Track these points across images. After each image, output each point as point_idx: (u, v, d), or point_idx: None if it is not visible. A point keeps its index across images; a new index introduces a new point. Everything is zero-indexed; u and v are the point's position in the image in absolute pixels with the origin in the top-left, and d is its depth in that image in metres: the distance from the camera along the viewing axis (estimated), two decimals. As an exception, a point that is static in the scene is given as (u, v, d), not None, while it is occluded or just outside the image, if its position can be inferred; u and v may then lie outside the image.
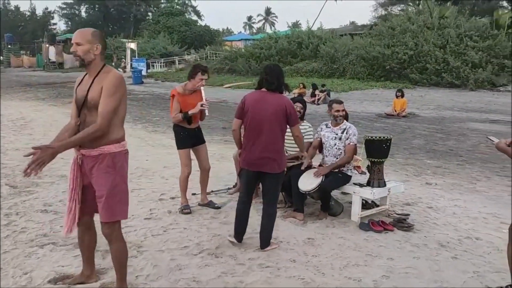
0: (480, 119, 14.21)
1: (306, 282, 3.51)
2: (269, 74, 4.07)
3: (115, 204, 2.99)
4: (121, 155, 2.98)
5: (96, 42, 2.96)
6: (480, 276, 3.69)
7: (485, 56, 23.41)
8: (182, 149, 5.16)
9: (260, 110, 4.01)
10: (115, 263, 3.13)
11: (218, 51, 41.11)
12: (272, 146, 4.03)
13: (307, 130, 5.38)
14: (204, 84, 5.03)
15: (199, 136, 5.25)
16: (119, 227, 3.10)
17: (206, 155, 5.29)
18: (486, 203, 5.83)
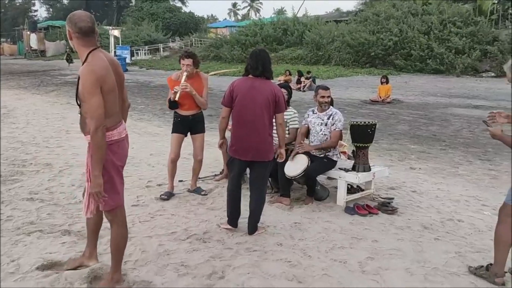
0: (463, 104, 14.41)
1: (293, 264, 3.57)
2: (254, 60, 4.03)
3: (108, 196, 2.95)
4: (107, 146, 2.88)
5: (69, 27, 2.83)
6: (462, 256, 3.79)
7: (468, 42, 23.66)
8: (172, 133, 5.20)
9: (250, 98, 3.97)
10: (112, 247, 3.14)
11: (203, 38, 40.81)
12: (262, 134, 4.02)
13: (292, 116, 5.41)
14: (188, 70, 4.93)
15: (195, 125, 5.21)
16: (120, 213, 3.09)
17: (199, 146, 5.27)
18: (468, 187, 5.96)
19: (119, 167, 3.01)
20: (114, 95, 2.90)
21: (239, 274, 3.38)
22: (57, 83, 21.60)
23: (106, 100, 2.79)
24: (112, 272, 3.15)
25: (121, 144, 3.00)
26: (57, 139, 8.39)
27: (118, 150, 2.97)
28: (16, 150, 7.38)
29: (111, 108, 2.87)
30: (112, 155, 2.93)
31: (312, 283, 3.28)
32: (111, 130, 2.92)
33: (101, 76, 2.76)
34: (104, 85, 2.77)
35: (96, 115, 2.71)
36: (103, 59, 2.86)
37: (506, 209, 3.25)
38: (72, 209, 4.71)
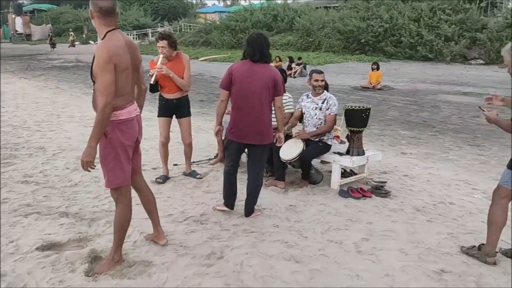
0: (452, 91, 14.54)
1: (290, 245, 3.63)
2: (251, 46, 4.01)
3: (109, 172, 3.01)
4: (114, 124, 2.93)
5: (91, 6, 2.91)
6: (454, 237, 3.89)
7: (457, 29, 23.80)
8: (158, 117, 5.21)
9: (249, 82, 3.96)
10: (115, 226, 3.18)
11: (192, 23, 40.40)
12: (261, 118, 4.04)
13: (287, 101, 5.43)
14: (164, 52, 4.86)
15: (181, 109, 5.18)
16: (125, 192, 3.12)
17: (186, 129, 5.27)
18: (458, 171, 6.07)
19: (127, 147, 3.03)
20: (127, 75, 2.94)
21: (238, 255, 3.44)
22: (45, 67, 21.31)
23: (118, 79, 2.85)
24: (113, 252, 3.18)
25: (130, 124, 3.02)
26: (48, 123, 8.33)
27: (126, 129, 2.99)
28: (7, 134, 7.32)
29: (123, 88, 2.93)
30: (120, 134, 2.96)
31: (309, 262, 3.35)
32: (121, 109, 2.95)
33: (115, 55, 2.81)
34: (117, 64, 2.82)
35: (106, 92, 2.76)
36: (120, 39, 2.91)
37: (500, 191, 3.33)
38: (67, 191, 4.72)
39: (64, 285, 2.94)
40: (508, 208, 3.39)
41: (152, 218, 3.54)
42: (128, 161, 3.07)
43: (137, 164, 3.31)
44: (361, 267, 3.31)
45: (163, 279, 3.06)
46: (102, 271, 3.10)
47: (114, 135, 2.94)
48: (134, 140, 3.12)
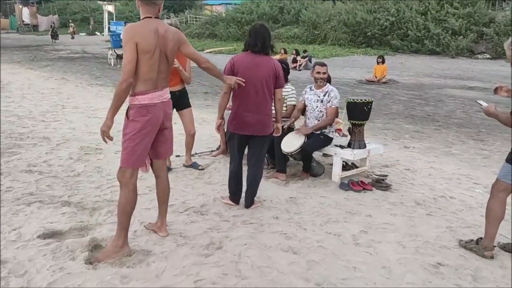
0: (457, 85, 14.48)
1: (288, 236, 3.66)
2: (253, 37, 4.01)
3: (123, 152, 3.14)
4: (135, 108, 3.07)
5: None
6: (453, 231, 3.90)
7: (464, 23, 23.60)
8: None
9: (251, 73, 3.97)
10: (118, 209, 3.24)
11: (198, 15, 40.31)
12: (263, 109, 4.07)
13: (290, 92, 5.44)
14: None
15: (182, 100, 5.20)
16: (130, 175, 3.18)
17: (189, 120, 5.29)
18: (460, 165, 6.06)
19: (147, 131, 3.12)
20: (149, 58, 3.03)
21: (236, 245, 3.47)
22: (51, 58, 21.40)
23: (141, 61, 3.00)
24: (117, 238, 3.22)
25: (152, 109, 3.10)
26: (53, 114, 8.39)
27: (147, 114, 3.09)
28: (12, 124, 7.38)
29: (147, 73, 3.06)
30: (140, 118, 3.08)
31: (307, 254, 3.38)
32: (142, 94, 3.08)
33: (137, 34, 2.99)
34: (139, 44, 2.97)
35: (125, 69, 2.95)
36: (150, 24, 3.06)
37: (498, 185, 3.34)
38: (70, 181, 4.77)
39: (64, 272, 2.98)
40: (507, 202, 3.40)
41: (161, 208, 3.58)
42: (144, 146, 3.16)
43: (162, 150, 3.39)
44: (358, 259, 3.33)
45: (162, 268, 3.10)
46: (105, 258, 3.15)
47: (135, 117, 3.07)
48: (157, 126, 3.19)
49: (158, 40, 3.06)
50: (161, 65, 3.15)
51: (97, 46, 29.90)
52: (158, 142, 3.30)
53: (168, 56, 3.20)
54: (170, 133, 3.42)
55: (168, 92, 3.32)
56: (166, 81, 3.27)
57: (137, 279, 2.96)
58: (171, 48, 3.19)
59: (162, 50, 3.11)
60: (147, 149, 3.22)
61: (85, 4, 49.02)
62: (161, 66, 3.15)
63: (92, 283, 2.88)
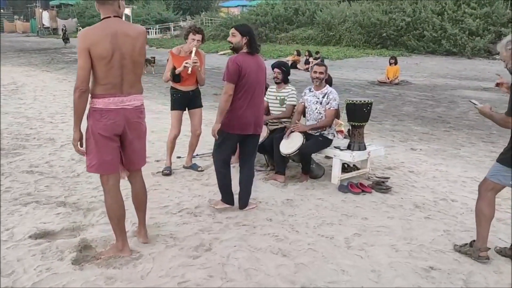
0: (472, 86, 14.21)
1: (280, 239, 3.62)
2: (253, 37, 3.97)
3: (86, 156, 3.09)
4: (90, 111, 3.00)
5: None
6: (450, 235, 3.81)
7: (482, 23, 23.17)
8: (173, 111, 5.22)
9: (256, 75, 3.98)
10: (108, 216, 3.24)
11: (214, 17, 40.50)
12: (262, 108, 4.18)
13: (290, 93, 5.41)
14: (197, 45, 4.95)
15: (195, 100, 5.24)
16: (105, 181, 3.12)
17: (198, 120, 5.31)
18: (467, 168, 5.93)
19: (102, 137, 3.00)
20: (107, 63, 2.90)
21: (226, 247, 3.45)
22: (68, 60, 21.72)
23: (97, 66, 2.90)
24: (116, 241, 3.27)
25: (107, 114, 2.98)
26: (62, 115, 8.51)
27: (101, 119, 2.97)
28: (21, 125, 7.50)
29: (103, 77, 2.94)
30: (93, 122, 3.00)
31: (296, 256, 3.34)
32: (98, 98, 2.97)
33: (89, 40, 2.87)
34: (93, 51, 2.86)
35: (78, 75, 2.88)
36: (106, 26, 2.93)
37: (486, 184, 3.28)
38: (69, 182, 4.82)
39: (50, 272, 3.00)
40: (495, 201, 3.32)
41: (138, 216, 3.48)
42: (107, 151, 3.04)
43: (129, 161, 3.23)
44: (348, 262, 3.28)
45: (148, 269, 3.09)
46: (103, 255, 3.20)
47: (89, 121, 3.01)
48: (114, 133, 3.04)
49: (117, 42, 2.91)
50: (125, 70, 2.99)
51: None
52: (127, 152, 3.18)
53: (135, 61, 3.03)
54: (139, 144, 3.24)
55: (138, 99, 3.14)
56: (135, 87, 3.10)
57: (122, 280, 2.96)
58: (138, 51, 3.02)
59: (125, 53, 2.95)
60: (110, 155, 3.06)
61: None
62: (125, 71, 2.99)
63: (76, 284, 2.89)
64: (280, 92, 5.43)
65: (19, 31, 52.05)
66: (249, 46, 3.97)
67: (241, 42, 3.95)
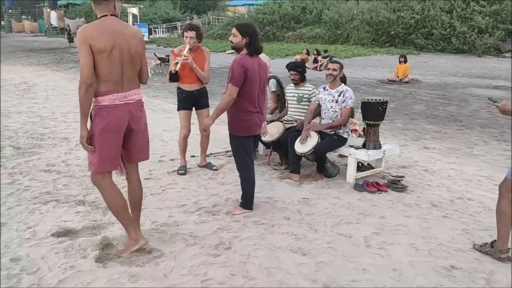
0: (483, 84, 14.12)
1: (298, 237, 3.63)
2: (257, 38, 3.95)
3: (89, 155, 3.09)
4: (96, 109, 3.01)
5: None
6: (468, 233, 3.80)
7: (491, 21, 23.02)
8: (180, 110, 5.23)
9: (259, 76, 3.99)
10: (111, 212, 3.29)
11: (221, 16, 40.51)
12: (265, 108, 4.20)
13: (312, 91, 5.40)
14: (190, 42, 4.92)
15: (201, 100, 5.24)
16: (101, 179, 3.12)
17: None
18: (482, 167, 5.91)
19: (109, 134, 3.02)
20: (107, 57, 2.94)
21: (245, 246, 3.46)
22: (76, 60, 21.78)
23: (98, 62, 2.92)
24: (128, 236, 3.30)
25: (113, 111, 3.01)
26: (74, 114, 8.55)
27: (107, 116, 3.00)
28: (35, 124, 7.57)
29: (107, 74, 2.96)
30: (100, 120, 3.01)
31: (316, 255, 3.35)
32: (103, 95, 3.00)
33: (90, 36, 2.89)
34: (93, 45, 2.89)
35: (81, 72, 2.88)
36: (103, 23, 2.97)
37: (507, 184, 3.26)
38: (86, 181, 4.85)
39: (74, 270, 3.03)
40: None
41: (133, 215, 3.40)
42: (109, 149, 3.06)
43: (133, 153, 3.28)
44: (368, 261, 3.28)
45: (170, 267, 3.12)
46: (124, 252, 3.24)
47: (96, 119, 3.02)
48: (120, 129, 3.08)
49: (115, 38, 2.95)
50: (125, 65, 3.03)
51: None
52: (128, 146, 3.21)
53: (134, 56, 3.07)
54: (142, 137, 3.28)
55: (138, 93, 3.18)
56: (135, 82, 3.16)
57: (145, 278, 2.98)
58: (134, 47, 3.07)
59: (123, 49, 3.00)
60: (114, 152, 3.10)
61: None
62: (125, 66, 3.04)
63: (101, 281, 2.92)
64: (298, 89, 5.43)
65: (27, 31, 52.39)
66: (248, 47, 3.91)
67: (241, 43, 3.92)
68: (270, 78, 5.75)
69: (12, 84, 12.69)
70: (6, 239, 3.47)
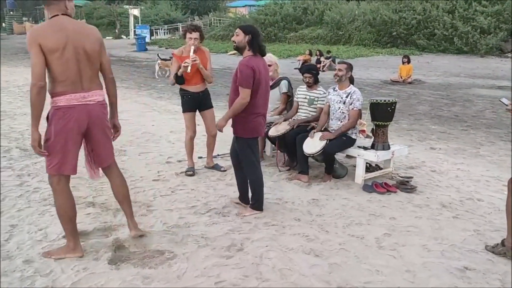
0: (486, 85, 14.11)
1: (310, 239, 3.63)
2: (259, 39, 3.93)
3: (47, 158, 3.05)
4: (52, 110, 2.98)
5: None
6: (480, 234, 3.79)
7: (493, 21, 23.01)
8: (185, 112, 5.22)
9: (266, 77, 4.00)
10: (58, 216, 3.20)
11: (222, 17, 40.53)
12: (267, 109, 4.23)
13: (322, 95, 5.37)
14: (195, 43, 4.92)
15: (205, 101, 5.25)
16: (57, 182, 3.09)
17: (211, 121, 5.31)
18: (489, 167, 5.89)
19: (67, 135, 2.98)
20: (60, 57, 2.88)
21: (258, 247, 3.46)
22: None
23: (50, 61, 2.87)
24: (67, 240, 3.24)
25: (70, 112, 2.96)
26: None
27: (64, 116, 2.95)
28: (41, 126, 7.53)
29: (60, 73, 2.91)
30: (57, 121, 2.97)
31: (329, 256, 3.34)
32: (59, 96, 2.94)
33: (39, 36, 2.84)
34: (43, 45, 2.83)
35: (32, 72, 2.82)
36: (55, 22, 2.92)
37: None
38: (95, 182, 4.83)
39: (87, 272, 3.03)
40: None
41: (125, 210, 3.46)
42: (67, 150, 3.01)
43: (98, 158, 3.24)
44: (381, 262, 3.27)
45: (183, 269, 3.11)
46: (55, 254, 3.19)
47: (53, 121, 2.97)
48: (78, 130, 3.03)
49: (67, 36, 2.89)
50: (81, 64, 2.97)
51: (123, 49, 30.37)
52: (93, 148, 3.18)
53: (90, 54, 3.01)
54: (103, 140, 3.20)
55: (100, 94, 3.13)
56: (95, 82, 3.09)
57: (159, 279, 2.98)
58: (90, 45, 3.00)
59: (78, 47, 2.94)
60: (72, 154, 3.05)
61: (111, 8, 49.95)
62: (82, 65, 2.98)
63: (114, 283, 2.92)
64: (311, 92, 5.41)
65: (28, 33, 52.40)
66: (251, 45, 3.88)
67: (244, 41, 3.89)
68: (282, 79, 5.74)
69: (16, 86, 12.70)
70: (19, 241, 3.47)
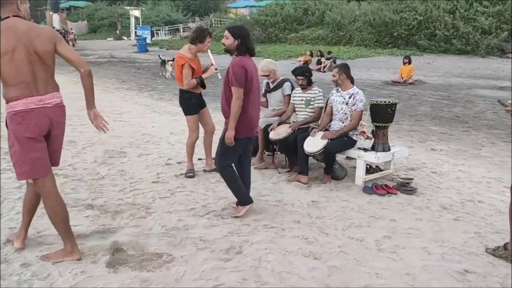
0: (487, 85, 14.08)
1: (310, 241, 3.60)
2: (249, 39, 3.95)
3: (15, 165, 3.00)
4: (9, 116, 2.91)
5: None
6: (481, 237, 3.76)
7: (495, 22, 22.97)
8: (191, 115, 5.17)
9: (256, 77, 4.03)
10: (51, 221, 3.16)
11: (223, 18, 40.54)
12: (259, 109, 4.26)
13: (317, 94, 5.36)
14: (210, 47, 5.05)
15: (202, 100, 5.32)
16: (42, 185, 3.04)
17: (210, 117, 5.37)
18: (490, 168, 5.87)
19: (27, 139, 2.92)
20: (10, 59, 2.82)
21: (257, 250, 3.44)
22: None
23: (1, 65, 2.81)
24: (64, 244, 3.20)
25: (28, 116, 2.90)
26: (80, 118, 8.53)
27: (23, 121, 2.89)
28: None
29: (13, 77, 2.85)
30: (16, 126, 2.90)
31: (328, 259, 3.32)
32: (15, 100, 2.88)
33: None
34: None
35: None
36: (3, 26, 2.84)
37: None
38: (94, 184, 4.84)
39: (85, 275, 3.01)
40: None
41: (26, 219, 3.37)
42: (35, 152, 2.96)
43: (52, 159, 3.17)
44: (381, 265, 3.25)
45: (181, 272, 3.09)
46: (51, 258, 3.16)
47: (11, 127, 2.91)
48: (40, 133, 2.97)
49: (18, 38, 2.82)
50: (35, 66, 2.91)
51: (124, 51, 30.40)
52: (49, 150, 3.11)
53: (42, 56, 2.92)
54: (59, 143, 3.18)
55: (58, 97, 3.07)
56: (50, 84, 3.03)
57: (157, 283, 2.96)
58: (41, 46, 2.91)
59: (29, 49, 2.86)
60: (41, 156, 2.99)
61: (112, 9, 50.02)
62: (36, 68, 2.91)
63: (113, 286, 2.90)
64: (306, 93, 5.39)
65: (29, 34, 52.43)
66: (239, 50, 3.89)
67: (233, 45, 3.90)
68: (285, 81, 5.74)
69: None
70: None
